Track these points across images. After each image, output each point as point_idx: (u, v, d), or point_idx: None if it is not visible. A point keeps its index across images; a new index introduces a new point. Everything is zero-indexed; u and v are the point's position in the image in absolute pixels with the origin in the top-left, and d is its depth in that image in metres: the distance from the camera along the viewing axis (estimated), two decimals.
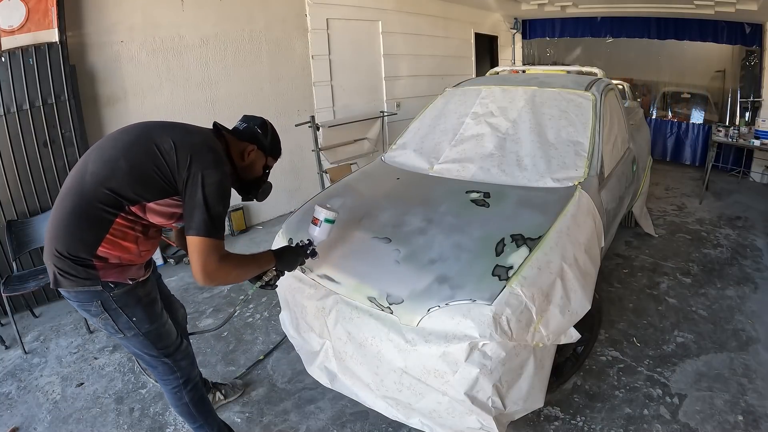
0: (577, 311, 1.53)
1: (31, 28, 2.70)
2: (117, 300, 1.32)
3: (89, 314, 1.36)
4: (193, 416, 1.58)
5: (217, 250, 1.26)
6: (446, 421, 1.45)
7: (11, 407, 2.05)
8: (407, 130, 2.87)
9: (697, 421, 1.81)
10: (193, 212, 1.24)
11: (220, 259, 1.26)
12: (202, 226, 1.23)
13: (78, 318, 2.68)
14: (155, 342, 1.43)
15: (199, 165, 1.24)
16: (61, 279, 1.27)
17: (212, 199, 1.24)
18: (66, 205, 1.28)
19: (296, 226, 2.07)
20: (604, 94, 2.58)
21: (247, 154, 1.46)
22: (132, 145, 1.28)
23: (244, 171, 1.50)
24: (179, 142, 1.27)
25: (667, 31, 5.89)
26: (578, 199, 1.94)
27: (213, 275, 1.26)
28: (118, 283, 1.32)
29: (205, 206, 1.23)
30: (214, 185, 1.24)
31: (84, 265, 1.25)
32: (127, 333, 1.38)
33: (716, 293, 2.77)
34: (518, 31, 7.35)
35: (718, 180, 5.12)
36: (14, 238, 2.66)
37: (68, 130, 2.87)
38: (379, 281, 1.61)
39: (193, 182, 1.23)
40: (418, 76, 5.53)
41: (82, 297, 1.30)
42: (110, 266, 1.29)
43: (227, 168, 1.32)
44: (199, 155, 1.26)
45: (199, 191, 1.23)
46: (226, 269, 1.29)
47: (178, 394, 1.53)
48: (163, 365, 1.48)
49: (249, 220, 4.17)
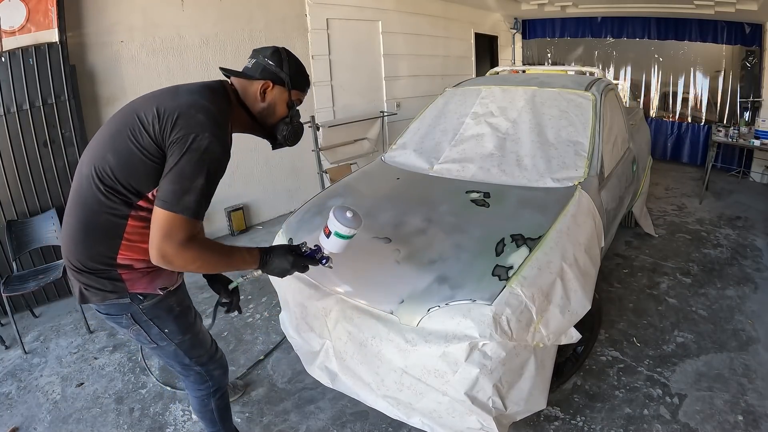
0: (577, 311, 1.53)
1: (32, 29, 2.70)
2: (147, 312, 1.22)
3: (120, 326, 1.26)
4: (214, 422, 1.55)
5: (182, 229, 1.03)
6: (447, 421, 1.45)
7: (11, 407, 2.05)
8: (407, 130, 2.87)
9: (697, 421, 1.81)
10: (165, 179, 1.04)
11: (182, 242, 1.04)
12: (169, 196, 1.03)
13: (78, 318, 2.68)
14: (188, 352, 1.34)
15: (183, 129, 1.04)
16: (87, 294, 1.18)
17: (190, 166, 1.03)
18: (73, 216, 1.15)
19: (296, 226, 2.07)
20: (604, 94, 2.58)
21: (263, 94, 1.22)
22: (117, 133, 1.11)
23: (266, 114, 1.26)
24: (163, 108, 1.08)
25: (667, 31, 5.89)
26: (578, 199, 1.94)
27: (168, 258, 1.05)
28: (147, 294, 1.21)
29: (180, 174, 1.03)
30: (198, 151, 1.03)
31: (108, 278, 1.15)
32: (160, 343, 1.29)
33: (716, 293, 2.77)
34: (518, 31, 7.35)
35: (718, 180, 5.12)
36: (14, 238, 2.66)
37: (68, 130, 2.87)
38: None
39: (175, 147, 1.04)
40: (418, 76, 5.53)
41: (111, 310, 1.21)
42: (137, 275, 1.18)
43: (222, 132, 1.09)
44: (185, 118, 1.05)
45: (176, 157, 1.03)
46: (186, 257, 1.05)
47: (205, 401, 1.48)
48: (196, 374, 1.41)
49: (249, 220, 4.17)
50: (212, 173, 1.07)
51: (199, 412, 1.54)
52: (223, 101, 1.17)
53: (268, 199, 4.29)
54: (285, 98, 1.25)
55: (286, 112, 1.28)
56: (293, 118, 1.30)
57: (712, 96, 5.79)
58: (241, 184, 4.01)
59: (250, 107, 1.24)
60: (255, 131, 1.31)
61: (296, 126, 1.32)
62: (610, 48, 6.62)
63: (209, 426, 1.58)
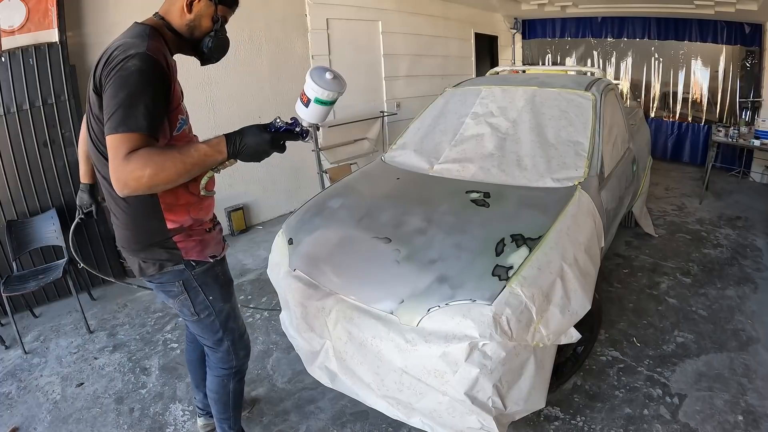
0: (577, 311, 1.53)
1: (31, 29, 2.70)
2: (197, 278, 1.33)
3: (168, 296, 1.35)
4: (227, 406, 1.58)
5: (122, 144, 0.99)
6: (447, 420, 1.45)
7: (11, 407, 2.05)
8: (407, 130, 2.87)
9: (697, 421, 1.81)
10: (104, 114, 1.04)
11: (125, 156, 0.98)
12: (106, 124, 1.01)
13: (78, 318, 2.68)
14: (225, 323, 1.43)
15: (105, 70, 1.05)
16: (145, 266, 1.28)
17: (112, 89, 1.02)
18: (113, 210, 1.26)
19: (296, 226, 2.07)
20: (604, 94, 2.58)
21: (189, 6, 1.22)
22: (88, 103, 1.17)
23: (192, 27, 1.26)
24: (100, 60, 1.10)
25: (667, 31, 5.89)
26: (578, 199, 1.94)
27: (123, 180, 0.99)
28: (199, 261, 1.33)
29: (106, 103, 1.02)
30: (114, 76, 1.03)
31: (165, 247, 1.26)
32: (201, 314, 1.38)
33: (716, 293, 2.77)
34: (518, 31, 7.35)
35: (718, 180, 5.12)
36: (14, 238, 2.66)
37: (68, 130, 2.87)
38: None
39: (103, 88, 1.05)
40: (418, 76, 5.52)
41: (164, 278, 1.31)
42: (190, 242, 1.29)
43: (137, 51, 1.06)
44: (106, 64, 1.06)
45: (109, 87, 1.03)
46: (133, 167, 0.98)
47: (225, 381, 1.52)
48: (224, 352, 1.47)
49: (249, 220, 4.17)
50: (134, 84, 1.02)
51: (216, 394, 1.56)
52: (135, 29, 1.19)
53: (268, 199, 4.29)
54: (210, 12, 1.26)
55: (211, 26, 1.28)
56: (218, 31, 1.29)
57: (712, 96, 5.79)
58: (241, 184, 4.01)
59: (176, 24, 1.26)
60: (182, 49, 1.32)
61: (222, 38, 1.31)
62: (610, 48, 6.62)
63: (221, 411, 1.59)
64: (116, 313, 2.80)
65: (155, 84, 1.06)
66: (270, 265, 2.04)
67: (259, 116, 4.01)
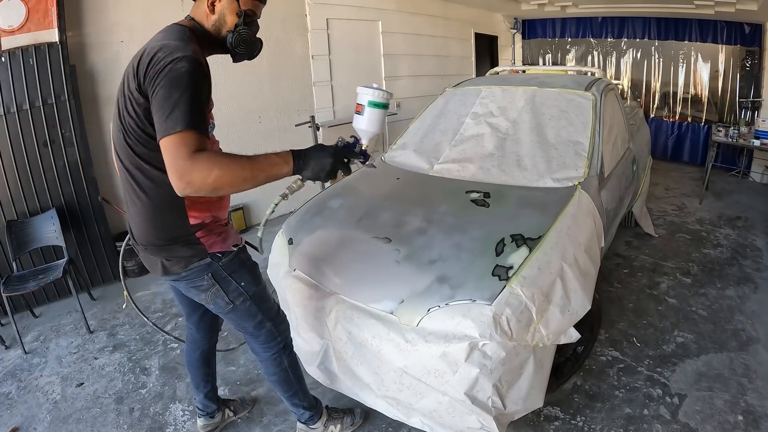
0: (577, 311, 1.53)
1: (31, 28, 2.70)
2: (225, 268, 1.34)
3: (198, 290, 1.35)
4: (290, 382, 1.58)
5: (184, 144, 1.01)
6: (447, 420, 1.45)
7: (11, 407, 2.05)
8: (407, 130, 2.87)
9: (697, 421, 1.81)
10: (153, 117, 1.06)
11: (190, 155, 1.00)
12: (160, 125, 1.03)
13: (78, 318, 2.68)
14: (260, 305, 1.44)
15: (152, 69, 1.07)
16: (169, 264, 1.27)
17: (164, 90, 1.04)
18: (134, 204, 1.24)
19: (296, 226, 2.07)
20: (604, 94, 2.58)
21: (212, 6, 1.23)
22: (123, 97, 1.17)
23: (219, 26, 1.26)
24: (141, 59, 1.12)
25: (667, 31, 5.89)
26: (578, 199, 1.94)
27: (186, 178, 1.00)
28: (224, 251, 1.34)
29: (159, 103, 1.04)
30: (165, 76, 1.05)
31: (188, 243, 1.26)
32: (236, 301, 1.38)
33: (716, 293, 2.77)
34: (518, 31, 7.35)
35: (718, 180, 5.12)
36: (14, 238, 2.66)
37: (68, 130, 2.87)
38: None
39: (150, 88, 1.07)
40: (418, 76, 5.53)
41: (192, 275, 1.30)
42: (212, 236, 1.31)
43: (184, 52, 1.08)
44: (152, 62, 1.08)
45: (152, 92, 1.06)
46: (200, 167, 1.00)
47: (278, 359, 1.52)
48: (267, 332, 1.48)
49: (249, 220, 4.17)
50: (187, 85, 1.04)
51: (274, 375, 1.56)
52: (178, 33, 1.18)
53: (268, 200, 4.25)
54: (234, 8, 1.24)
55: (235, 21, 1.26)
56: (239, 26, 1.26)
57: (712, 96, 5.79)
58: None
59: (205, 25, 1.26)
60: (215, 48, 1.31)
61: (243, 34, 1.27)
62: (610, 48, 6.62)
63: (285, 389, 1.59)
64: (116, 313, 2.80)
65: (203, 86, 1.10)
66: (270, 265, 2.04)
67: (259, 116, 4.01)
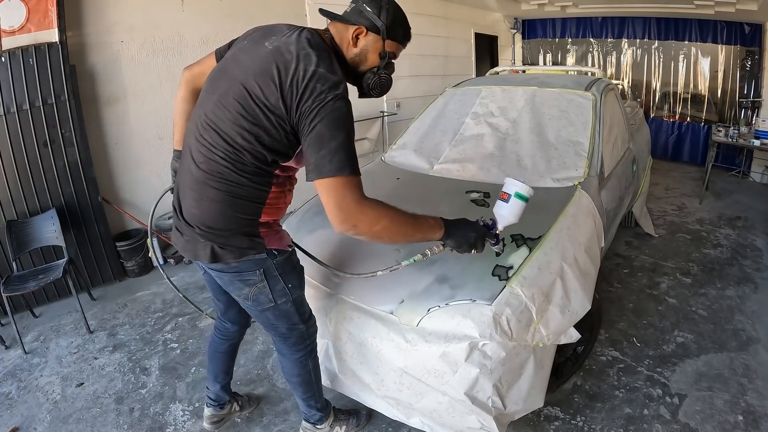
0: (577, 311, 1.53)
1: (31, 29, 2.70)
2: (278, 267, 1.30)
3: (244, 284, 1.30)
4: (311, 384, 1.58)
5: (350, 187, 1.05)
6: (447, 420, 1.45)
7: (11, 407, 2.05)
8: (407, 130, 2.87)
9: (697, 421, 1.81)
10: (308, 150, 1.07)
11: (357, 200, 1.06)
12: (323, 164, 1.05)
13: (78, 318, 2.68)
14: (299, 308, 1.43)
15: (311, 97, 1.06)
16: (221, 252, 1.21)
17: (328, 129, 1.05)
18: (207, 184, 1.17)
19: (296, 226, 2.07)
20: (604, 94, 2.58)
21: (355, 39, 1.20)
22: (233, 112, 1.13)
23: (357, 61, 1.23)
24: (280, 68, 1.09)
25: (667, 31, 5.90)
26: (578, 199, 1.94)
27: (353, 221, 1.06)
28: (280, 250, 1.31)
29: (320, 139, 1.05)
30: (329, 112, 1.05)
31: (248, 234, 1.23)
32: (278, 301, 1.35)
33: (716, 293, 2.77)
34: (518, 31, 7.35)
35: (718, 180, 5.12)
36: (14, 238, 2.66)
37: (68, 130, 2.87)
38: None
39: (307, 116, 1.07)
40: (418, 76, 5.53)
41: (243, 267, 1.26)
42: (272, 232, 1.30)
43: (344, 88, 1.10)
44: (310, 88, 1.07)
45: (311, 124, 1.06)
46: (369, 213, 1.07)
47: (304, 361, 1.52)
48: (298, 335, 1.47)
49: None
50: (349, 128, 1.08)
51: (298, 376, 1.55)
52: (329, 56, 1.15)
53: None
54: (378, 47, 1.21)
55: (377, 61, 1.23)
56: (380, 69, 1.24)
57: (712, 96, 5.79)
58: None
59: (344, 53, 1.23)
60: (346, 78, 1.25)
61: (383, 78, 1.25)
62: (610, 48, 6.62)
63: (305, 390, 1.59)
64: (116, 313, 2.80)
65: (352, 127, 1.11)
66: None
67: None
